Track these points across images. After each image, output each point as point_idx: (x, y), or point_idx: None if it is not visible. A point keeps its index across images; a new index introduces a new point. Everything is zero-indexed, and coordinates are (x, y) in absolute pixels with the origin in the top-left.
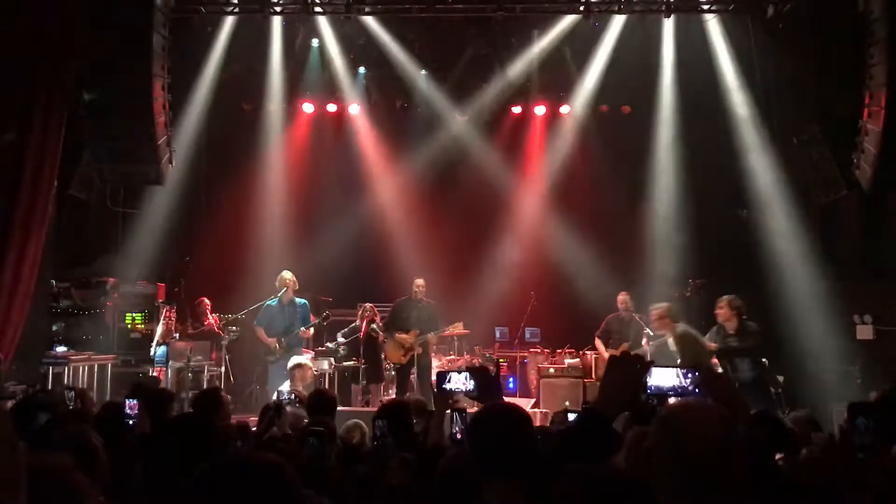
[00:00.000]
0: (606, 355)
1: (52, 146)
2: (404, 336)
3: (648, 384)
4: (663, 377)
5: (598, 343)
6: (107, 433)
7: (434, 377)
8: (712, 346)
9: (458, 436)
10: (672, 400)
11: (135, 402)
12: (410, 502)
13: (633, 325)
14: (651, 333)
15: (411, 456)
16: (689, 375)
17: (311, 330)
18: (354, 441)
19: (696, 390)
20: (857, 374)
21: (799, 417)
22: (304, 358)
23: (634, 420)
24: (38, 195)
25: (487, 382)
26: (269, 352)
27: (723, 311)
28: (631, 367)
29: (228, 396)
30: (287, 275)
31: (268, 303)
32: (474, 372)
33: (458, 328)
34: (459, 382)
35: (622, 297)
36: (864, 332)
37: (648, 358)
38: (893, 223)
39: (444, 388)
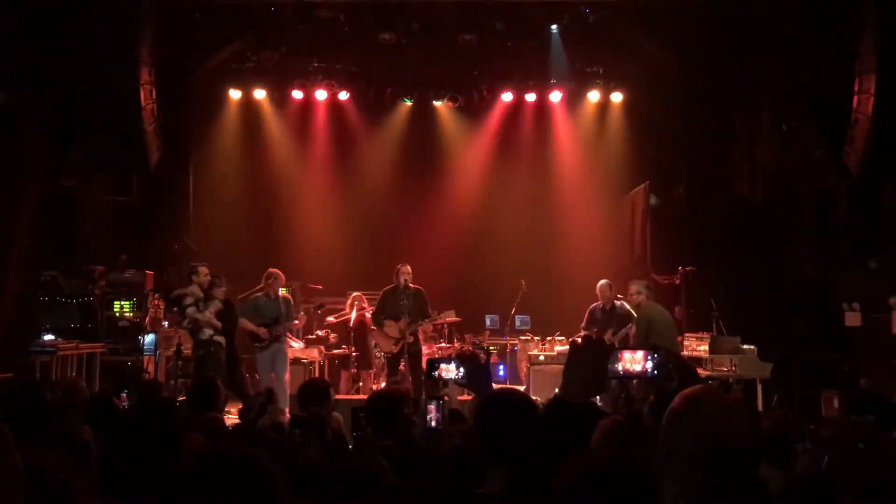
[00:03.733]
0: None
1: (40, 134)
2: (394, 325)
3: (614, 367)
4: (630, 361)
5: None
6: (97, 426)
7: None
8: None
9: (434, 423)
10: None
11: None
12: (397, 492)
13: (616, 313)
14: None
15: (392, 444)
16: (652, 358)
17: (304, 318)
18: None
19: (657, 372)
20: (846, 361)
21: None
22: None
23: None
24: (26, 183)
25: (477, 370)
26: (257, 339)
27: None
28: (593, 353)
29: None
30: (278, 272)
31: (255, 297)
32: (464, 360)
33: (449, 316)
34: (449, 371)
35: (600, 286)
36: (853, 318)
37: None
38: (883, 210)
39: (434, 376)
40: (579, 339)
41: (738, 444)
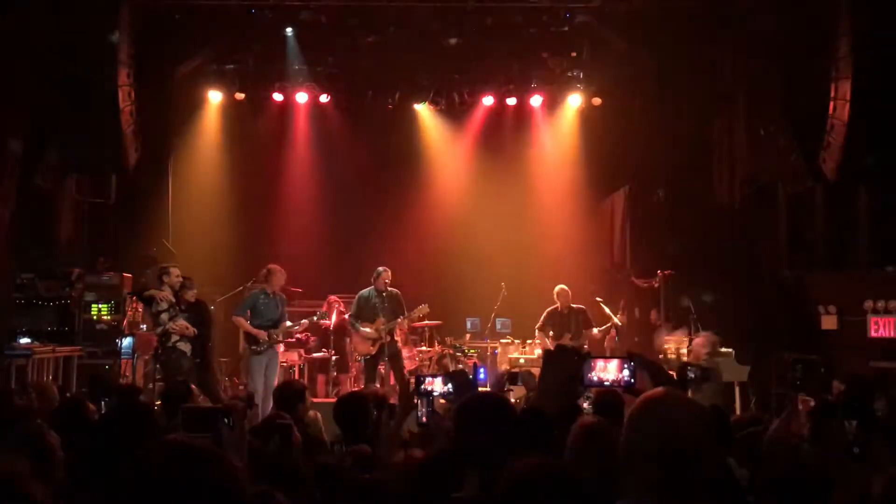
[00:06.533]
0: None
1: (15, 136)
2: (370, 327)
3: (589, 376)
4: (604, 369)
5: (540, 335)
6: (66, 430)
7: (407, 369)
8: None
9: (424, 419)
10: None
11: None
12: (369, 495)
13: (573, 318)
14: (596, 330)
15: (365, 448)
16: (627, 366)
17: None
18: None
19: (632, 380)
20: (821, 364)
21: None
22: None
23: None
24: (1, 185)
25: (466, 386)
26: (256, 343)
27: None
28: (567, 361)
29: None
30: (279, 268)
31: (254, 293)
32: (453, 376)
33: (423, 311)
34: (437, 385)
35: (558, 290)
36: (829, 321)
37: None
38: (858, 214)
39: (422, 391)
40: (552, 347)
41: (693, 444)
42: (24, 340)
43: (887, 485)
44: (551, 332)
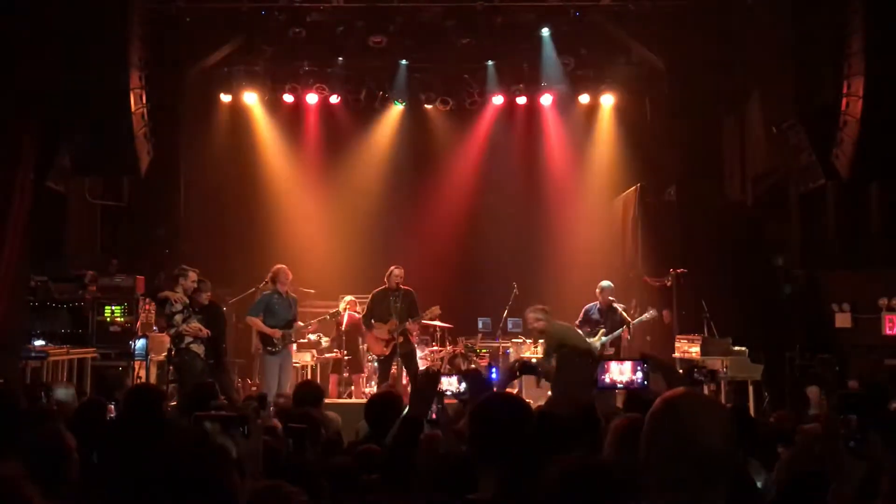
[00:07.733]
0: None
1: (28, 138)
2: (383, 327)
3: (602, 378)
4: (618, 372)
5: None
6: (85, 432)
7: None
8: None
9: (434, 416)
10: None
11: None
12: (383, 494)
13: (611, 315)
14: (632, 322)
15: (374, 448)
16: (641, 368)
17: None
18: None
19: (646, 382)
20: (835, 362)
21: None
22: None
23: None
24: (14, 187)
25: (481, 386)
26: (271, 343)
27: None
28: (581, 365)
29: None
30: (285, 267)
31: (266, 294)
32: (467, 376)
33: (434, 312)
34: (451, 385)
35: (603, 287)
36: (843, 319)
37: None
38: (871, 211)
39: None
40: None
41: (714, 444)
42: (39, 343)
43: (894, 482)
44: (588, 329)
